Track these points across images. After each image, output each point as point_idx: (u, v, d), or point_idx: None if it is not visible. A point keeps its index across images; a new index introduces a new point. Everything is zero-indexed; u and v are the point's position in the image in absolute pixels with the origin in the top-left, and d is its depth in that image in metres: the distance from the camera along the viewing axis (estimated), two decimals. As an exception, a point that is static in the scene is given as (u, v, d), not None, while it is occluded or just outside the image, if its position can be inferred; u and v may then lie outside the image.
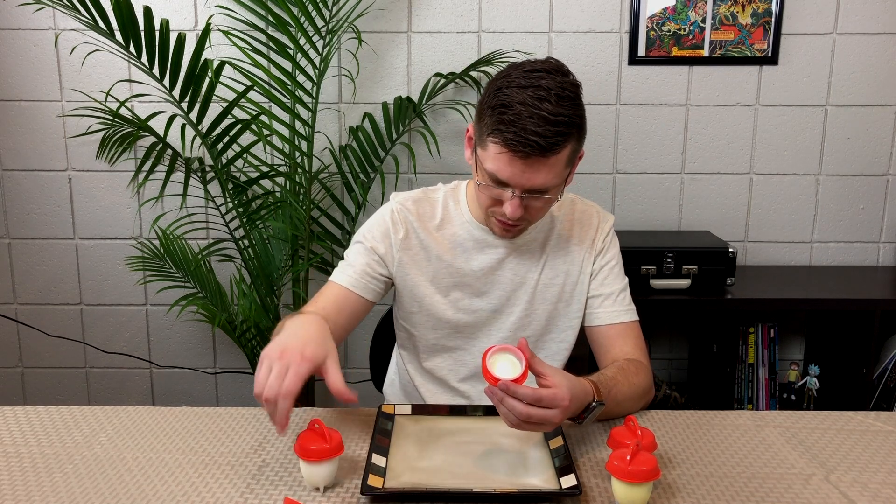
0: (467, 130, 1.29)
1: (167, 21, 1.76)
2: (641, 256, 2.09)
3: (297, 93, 2.07)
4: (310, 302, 1.35)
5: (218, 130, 1.93)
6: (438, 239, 1.38)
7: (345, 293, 1.33)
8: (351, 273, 1.34)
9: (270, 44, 2.10)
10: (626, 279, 1.42)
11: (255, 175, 2.16)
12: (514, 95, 1.15)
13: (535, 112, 1.14)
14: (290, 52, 2.04)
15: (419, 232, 1.37)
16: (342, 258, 1.39)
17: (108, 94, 2.23)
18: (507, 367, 1.06)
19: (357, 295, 1.34)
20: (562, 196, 1.28)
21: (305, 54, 1.99)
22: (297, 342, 1.06)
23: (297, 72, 2.05)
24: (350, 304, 1.33)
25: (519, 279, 1.38)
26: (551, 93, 1.15)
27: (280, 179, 2.23)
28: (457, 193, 1.41)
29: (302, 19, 1.98)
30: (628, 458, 0.95)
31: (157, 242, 2.29)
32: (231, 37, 2.02)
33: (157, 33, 1.76)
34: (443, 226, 1.39)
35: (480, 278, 1.37)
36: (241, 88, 1.95)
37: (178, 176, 2.19)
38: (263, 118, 2.14)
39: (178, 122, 1.98)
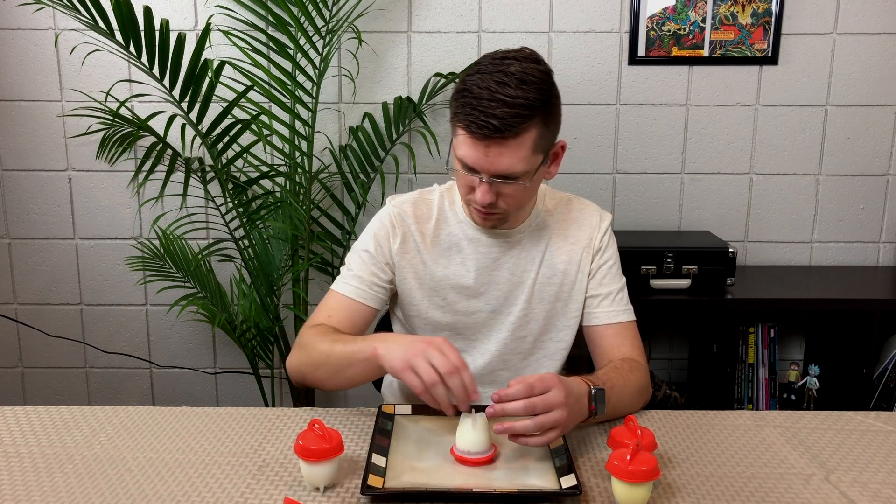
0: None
1: (167, 21, 1.76)
2: (641, 256, 2.09)
3: (297, 93, 2.07)
4: (317, 311, 1.36)
5: (218, 130, 1.93)
6: (435, 241, 1.38)
7: (354, 304, 1.35)
8: (357, 284, 1.35)
9: (270, 44, 2.10)
10: (624, 279, 1.42)
11: (255, 175, 2.16)
12: (478, 81, 1.17)
13: (494, 95, 1.15)
14: (290, 52, 2.04)
15: (416, 235, 1.38)
16: (342, 258, 1.40)
17: (108, 94, 2.23)
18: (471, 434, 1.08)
19: (366, 305, 1.35)
20: (531, 182, 1.24)
21: (305, 54, 1.99)
22: (423, 337, 1.14)
23: (297, 72, 2.05)
24: (360, 315, 1.35)
25: (516, 279, 1.38)
26: (514, 77, 1.16)
27: (280, 179, 2.23)
28: (452, 193, 1.42)
29: (302, 19, 1.98)
30: (628, 458, 0.95)
31: (157, 242, 2.29)
32: (231, 37, 2.02)
33: (157, 33, 1.76)
34: (439, 226, 1.39)
35: (477, 279, 1.37)
36: (241, 88, 1.95)
37: (178, 176, 2.19)
38: (263, 118, 2.14)
39: (178, 122, 1.98)
